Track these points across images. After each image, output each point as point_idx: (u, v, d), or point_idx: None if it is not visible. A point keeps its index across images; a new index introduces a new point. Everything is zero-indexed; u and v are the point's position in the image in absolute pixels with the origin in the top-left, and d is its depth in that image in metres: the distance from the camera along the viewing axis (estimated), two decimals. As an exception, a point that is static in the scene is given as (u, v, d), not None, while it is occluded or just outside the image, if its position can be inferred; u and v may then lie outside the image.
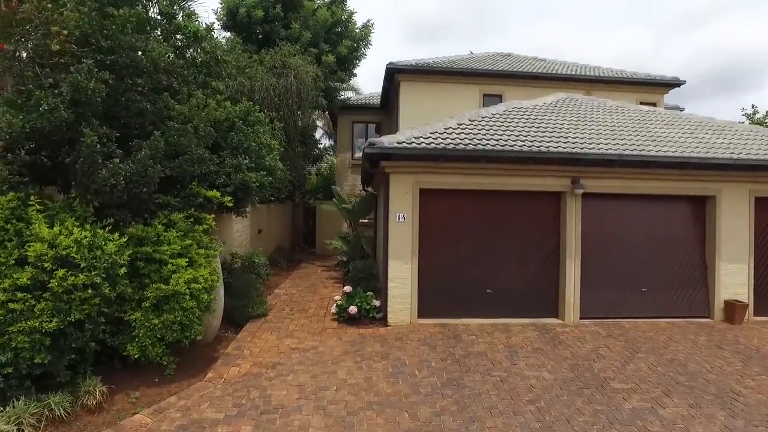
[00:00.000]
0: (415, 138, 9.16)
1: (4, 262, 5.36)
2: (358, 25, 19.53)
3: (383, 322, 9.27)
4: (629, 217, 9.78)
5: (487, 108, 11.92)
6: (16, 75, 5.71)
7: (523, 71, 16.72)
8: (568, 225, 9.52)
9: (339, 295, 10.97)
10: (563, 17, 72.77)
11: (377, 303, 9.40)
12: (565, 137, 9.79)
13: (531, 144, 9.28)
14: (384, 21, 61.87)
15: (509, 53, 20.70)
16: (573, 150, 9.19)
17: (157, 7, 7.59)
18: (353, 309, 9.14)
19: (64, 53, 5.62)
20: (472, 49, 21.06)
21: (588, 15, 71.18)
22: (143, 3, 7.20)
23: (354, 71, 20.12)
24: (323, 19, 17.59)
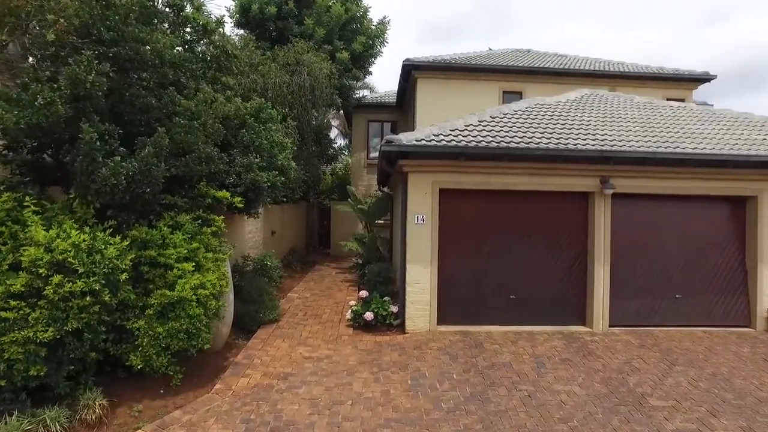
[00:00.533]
0: (435, 135, 8.70)
1: (-3, 267, 5.03)
2: (373, 22, 19.09)
3: (401, 329, 8.82)
4: (662, 219, 9.19)
5: (509, 104, 11.41)
6: (11, 67, 5.37)
7: (545, 67, 16.15)
8: (596, 227, 8.97)
9: (354, 300, 10.54)
10: (577, 17, 71.51)
11: (394, 309, 8.95)
12: (593, 134, 9.25)
13: (557, 141, 8.76)
14: (397, 21, 61.32)
15: (528, 50, 20.10)
16: (602, 147, 8.65)
17: (165, -2, 7.25)
18: (369, 315, 8.70)
19: (62, 44, 5.27)
20: (489, 48, 20.47)
21: (602, 14, 69.92)
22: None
23: (369, 69, 19.75)
24: (337, 15, 17.20)
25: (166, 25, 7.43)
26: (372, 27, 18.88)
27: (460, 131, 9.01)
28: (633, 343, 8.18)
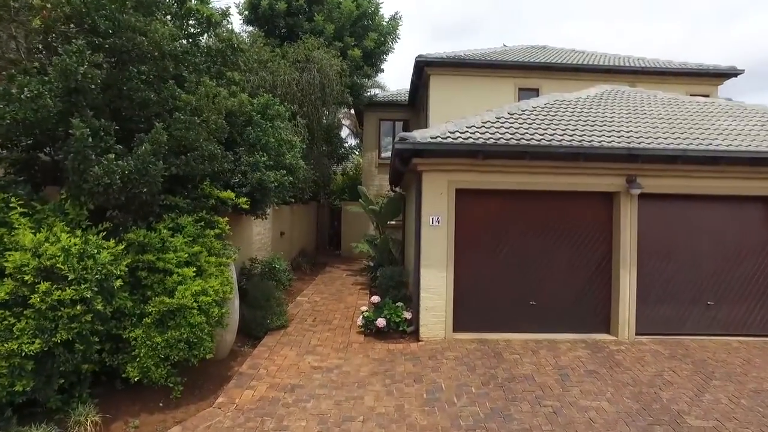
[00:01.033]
0: (450, 132, 8.25)
1: (-21, 274, 4.66)
2: (385, 18, 18.64)
3: (414, 336, 8.38)
4: (692, 221, 8.63)
5: (527, 101, 10.90)
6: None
7: (563, 63, 15.59)
8: (622, 230, 8.45)
9: (366, 305, 10.14)
10: (586, 15, 70.17)
11: (408, 315, 8.50)
12: (618, 131, 8.73)
13: (580, 139, 8.26)
14: (406, 21, 60.78)
15: (544, 46, 19.53)
16: (629, 145, 8.14)
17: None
18: (381, 322, 8.27)
19: (53, 33, 4.90)
20: (503, 44, 19.95)
21: (612, 11, 68.60)
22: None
23: (381, 67, 19.27)
24: (348, 11, 16.80)
25: (168, 18, 7.08)
26: (384, 23, 18.43)
27: (477, 128, 8.55)
28: (663, 354, 7.66)
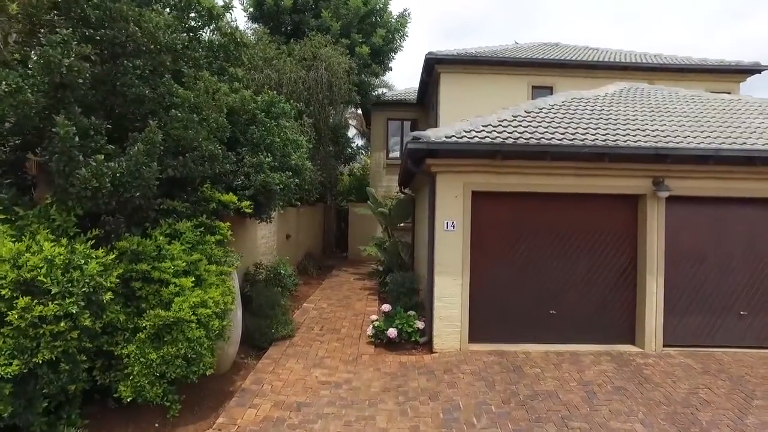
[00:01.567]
0: (466, 131, 7.78)
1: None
2: (393, 15, 18.15)
3: (428, 347, 7.91)
4: (724, 225, 8.10)
5: (544, 99, 10.42)
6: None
7: (578, 60, 15.10)
8: (648, 234, 7.94)
9: (375, 313, 9.71)
10: (595, 13, 69.21)
11: (420, 325, 8.03)
12: (642, 130, 8.23)
13: (604, 138, 7.77)
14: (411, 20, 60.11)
15: (557, 43, 19.00)
16: (657, 144, 7.64)
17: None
18: (393, 332, 7.80)
19: (36, 22, 4.48)
20: (515, 41, 19.39)
21: (620, 9, 67.59)
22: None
23: (389, 65, 18.79)
24: (356, 8, 16.33)
25: (168, 10, 6.66)
26: (392, 20, 17.96)
27: (493, 127, 8.08)
28: (694, 368, 7.14)
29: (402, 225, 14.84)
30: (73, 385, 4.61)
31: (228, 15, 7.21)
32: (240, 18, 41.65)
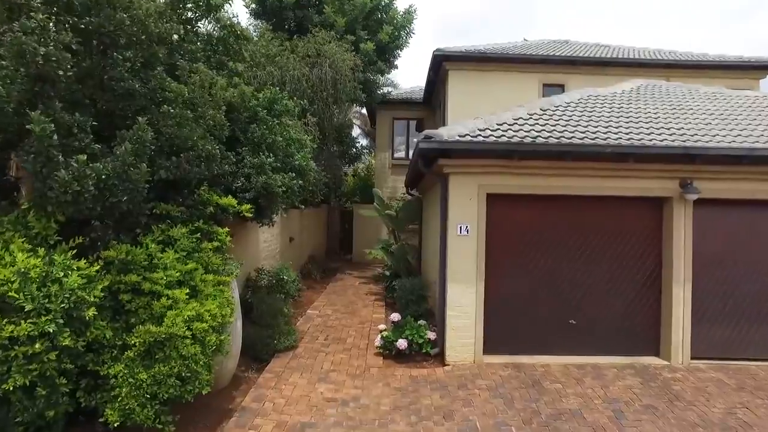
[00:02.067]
0: (480, 130, 7.31)
1: None
2: (399, 11, 17.66)
3: (440, 359, 7.44)
4: (758, 229, 7.57)
5: (559, 96, 9.94)
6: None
7: (591, 57, 14.60)
8: (674, 239, 7.45)
9: (382, 320, 9.27)
10: (599, 12, 68.37)
11: (432, 336, 7.56)
12: (667, 128, 7.74)
13: (627, 137, 7.29)
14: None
15: (566, 40, 18.46)
16: (685, 144, 7.15)
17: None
18: (403, 344, 7.33)
19: (13, 8, 4.03)
20: (524, 38, 18.89)
21: (625, 8, 66.75)
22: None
23: (395, 63, 18.29)
24: (361, 3, 15.85)
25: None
26: (398, 17, 17.47)
27: (509, 125, 7.61)
28: (728, 384, 6.65)
29: (409, 227, 14.36)
30: (52, 411, 4.15)
31: (227, 6, 6.74)
32: (242, 14, 41.22)
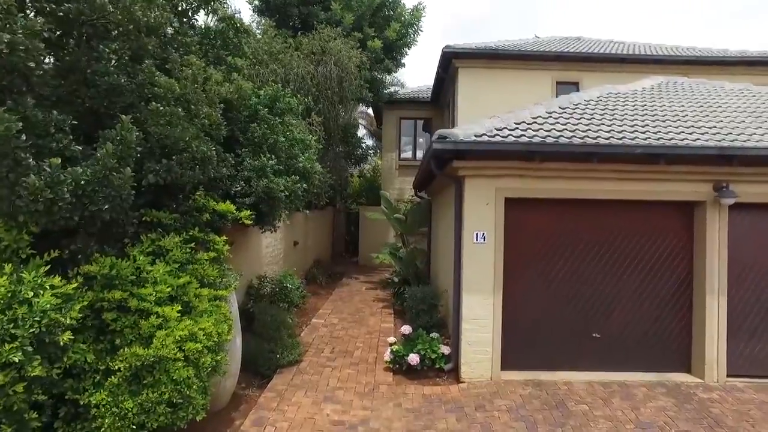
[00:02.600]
0: (498, 129, 6.80)
1: None
2: (407, 8, 17.17)
3: (454, 375, 6.93)
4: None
5: (578, 93, 9.42)
6: None
7: (608, 53, 14.05)
8: (708, 247, 6.91)
9: (391, 330, 8.78)
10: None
11: (446, 350, 7.06)
12: (698, 127, 7.20)
13: (657, 137, 6.76)
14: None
15: (579, 37, 17.91)
16: (720, 144, 6.61)
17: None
18: (414, 359, 6.83)
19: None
20: (535, 35, 18.35)
21: (628, 7, 65.75)
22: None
23: (402, 61, 17.78)
24: (369, 0, 15.36)
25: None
26: (406, 14, 16.97)
27: (528, 124, 7.10)
28: (770, 406, 6.11)
29: (418, 231, 13.86)
30: (24, 448, 3.68)
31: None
32: (245, 11, 40.79)
